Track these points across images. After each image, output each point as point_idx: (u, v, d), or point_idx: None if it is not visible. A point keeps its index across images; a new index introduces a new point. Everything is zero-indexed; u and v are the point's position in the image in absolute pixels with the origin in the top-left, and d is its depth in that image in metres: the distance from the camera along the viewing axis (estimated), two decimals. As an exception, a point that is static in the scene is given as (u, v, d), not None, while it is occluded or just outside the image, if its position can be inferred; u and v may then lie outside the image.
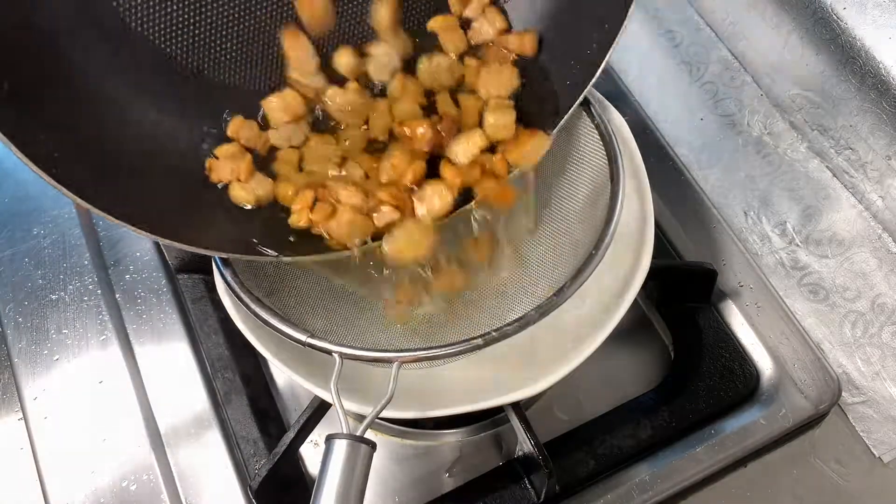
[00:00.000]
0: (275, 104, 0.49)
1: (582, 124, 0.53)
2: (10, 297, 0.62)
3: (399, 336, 0.53)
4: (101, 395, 0.58)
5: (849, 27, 0.55)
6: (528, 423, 0.52)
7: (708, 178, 0.67)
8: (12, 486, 0.56)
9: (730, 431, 0.56)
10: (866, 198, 0.59)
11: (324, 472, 0.40)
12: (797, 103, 0.63)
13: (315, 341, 0.44)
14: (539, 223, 0.55)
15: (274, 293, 0.51)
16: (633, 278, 0.49)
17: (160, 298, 0.62)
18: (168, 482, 0.55)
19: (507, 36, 0.51)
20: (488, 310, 0.52)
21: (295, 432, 0.52)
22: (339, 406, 0.42)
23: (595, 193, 0.51)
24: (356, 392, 0.46)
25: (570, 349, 0.47)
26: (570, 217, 0.53)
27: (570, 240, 0.52)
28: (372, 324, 0.54)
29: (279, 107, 0.49)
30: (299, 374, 0.47)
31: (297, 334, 0.44)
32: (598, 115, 0.51)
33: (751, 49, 0.65)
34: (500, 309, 0.52)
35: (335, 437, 0.40)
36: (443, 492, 0.55)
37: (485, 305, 0.53)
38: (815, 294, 0.61)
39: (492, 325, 0.47)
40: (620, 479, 0.54)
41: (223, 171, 0.48)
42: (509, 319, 0.44)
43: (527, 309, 0.45)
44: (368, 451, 0.41)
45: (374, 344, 0.52)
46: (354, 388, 0.46)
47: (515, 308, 0.51)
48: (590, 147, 0.52)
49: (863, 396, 0.58)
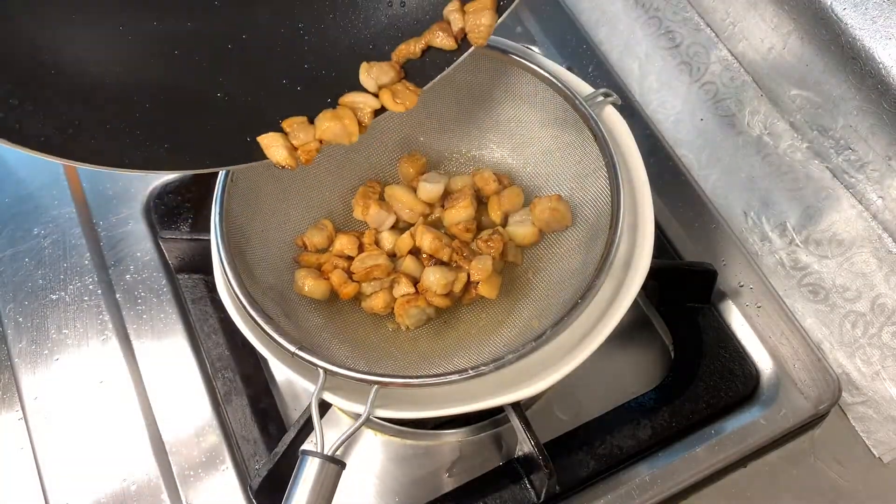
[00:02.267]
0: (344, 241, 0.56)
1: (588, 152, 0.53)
2: (11, 296, 0.62)
3: (394, 340, 0.54)
4: (101, 395, 0.58)
5: (849, 27, 0.55)
6: (528, 423, 0.52)
7: (708, 178, 0.67)
8: (12, 486, 0.56)
9: (730, 431, 0.56)
10: (866, 198, 0.59)
11: (294, 486, 0.42)
12: (797, 103, 0.63)
13: (303, 354, 0.45)
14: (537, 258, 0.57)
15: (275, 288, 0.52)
16: (633, 278, 0.49)
17: (160, 298, 0.62)
18: (168, 482, 0.55)
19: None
20: (479, 337, 0.54)
21: (295, 432, 0.52)
22: (318, 421, 0.44)
23: (594, 227, 0.53)
24: (354, 392, 0.46)
25: (570, 349, 0.47)
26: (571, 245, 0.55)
27: (569, 268, 0.54)
28: (372, 326, 0.55)
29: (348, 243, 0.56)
30: (299, 373, 0.47)
31: (286, 344, 0.46)
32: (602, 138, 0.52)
33: (751, 49, 0.65)
34: (491, 336, 0.53)
35: (308, 454, 0.42)
36: (443, 492, 0.55)
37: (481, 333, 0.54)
38: (816, 294, 0.61)
39: (480, 352, 0.50)
40: (620, 479, 0.54)
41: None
42: (499, 351, 0.47)
43: (519, 339, 0.47)
44: (338, 470, 0.43)
45: (369, 345, 0.53)
46: (354, 388, 0.46)
47: (507, 335, 0.53)
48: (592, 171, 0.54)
49: (863, 397, 0.58)
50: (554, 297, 0.52)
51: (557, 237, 0.56)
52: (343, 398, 0.46)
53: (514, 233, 0.56)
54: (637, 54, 0.73)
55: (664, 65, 0.71)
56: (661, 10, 0.72)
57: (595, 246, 0.50)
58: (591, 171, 0.53)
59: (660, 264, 0.56)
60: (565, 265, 0.54)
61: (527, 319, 0.53)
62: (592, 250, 0.50)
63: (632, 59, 0.73)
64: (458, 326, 0.55)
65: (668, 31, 0.71)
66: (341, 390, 0.46)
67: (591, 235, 0.52)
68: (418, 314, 0.53)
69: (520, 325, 0.53)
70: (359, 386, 0.45)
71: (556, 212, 0.54)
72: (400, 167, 0.60)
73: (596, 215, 0.53)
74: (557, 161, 0.57)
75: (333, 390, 0.46)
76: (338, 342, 0.52)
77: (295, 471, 0.42)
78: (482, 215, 0.58)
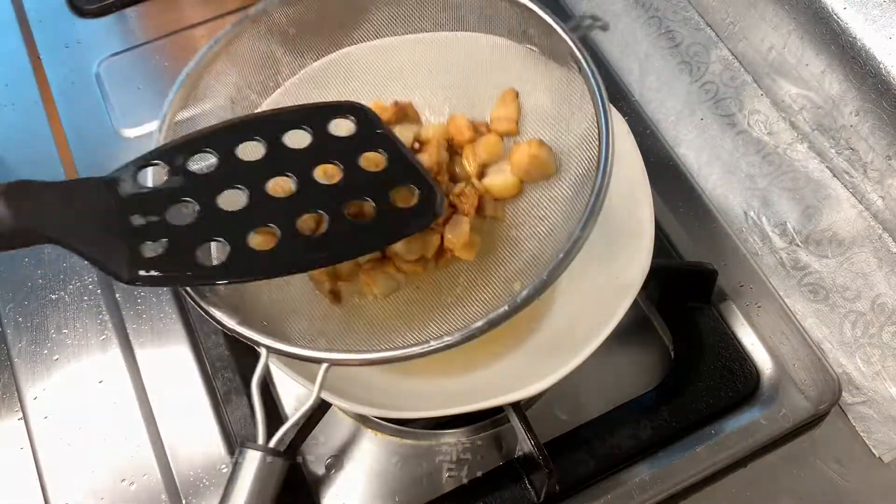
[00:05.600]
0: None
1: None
2: (10, 296, 0.62)
3: (360, 313, 0.50)
4: (101, 394, 0.58)
5: (849, 27, 0.55)
6: (528, 423, 0.52)
7: (708, 178, 0.67)
8: (12, 486, 0.56)
9: (730, 431, 0.56)
10: (867, 198, 0.59)
11: (231, 484, 0.38)
12: (797, 103, 0.63)
13: (242, 329, 0.41)
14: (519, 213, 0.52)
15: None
16: (633, 278, 0.49)
17: (160, 298, 0.62)
18: (168, 482, 0.55)
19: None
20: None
21: (295, 432, 0.52)
22: (260, 408, 0.39)
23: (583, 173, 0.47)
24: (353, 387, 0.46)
25: (570, 349, 0.47)
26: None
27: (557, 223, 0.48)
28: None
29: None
30: (298, 372, 0.47)
31: (225, 320, 0.41)
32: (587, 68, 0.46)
33: (751, 49, 0.65)
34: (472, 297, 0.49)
35: (248, 447, 0.38)
36: (443, 492, 0.55)
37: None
38: (816, 294, 0.61)
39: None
40: (620, 479, 0.54)
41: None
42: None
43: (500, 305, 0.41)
44: (283, 465, 0.38)
45: (331, 319, 0.48)
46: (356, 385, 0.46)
47: (487, 300, 0.48)
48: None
49: (863, 396, 0.58)
50: (539, 257, 0.47)
51: (542, 189, 0.51)
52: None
53: (492, 185, 0.51)
54: (637, 54, 0.73)
55: (664, 64, 0.71)
56: (661, 9, 0.72)
57: (583, 197, 0.44)
58: (577, 109, 0.47)
59: (660, 264, 0.56)
60: (551, 220, 0.48)
61: (509, 283, 0.48)
62: (580, 202, 0.44)
63: (632, 59, 0.73)
64: (433, 293, 0.50)
65: (668, 30, 0.71)
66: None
67: (580, 185, 0.47)
68: (387, 281, 0.49)
69: (502, 290, 0.48)
70: (362, 383, 0.45)
71: (537, 158, 0.49)
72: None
73: (584, 163, 0.47)
74: (540, 105, 0.51)
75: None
76: (294, 318, 0.47)
77: (232, 466, 0.38)
78: (457, 167, 0.52)
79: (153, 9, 0.81)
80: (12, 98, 0.74)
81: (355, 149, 0.46)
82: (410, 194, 0.45)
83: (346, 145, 0.46)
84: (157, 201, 0.41)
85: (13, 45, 0.78)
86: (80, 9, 0.80)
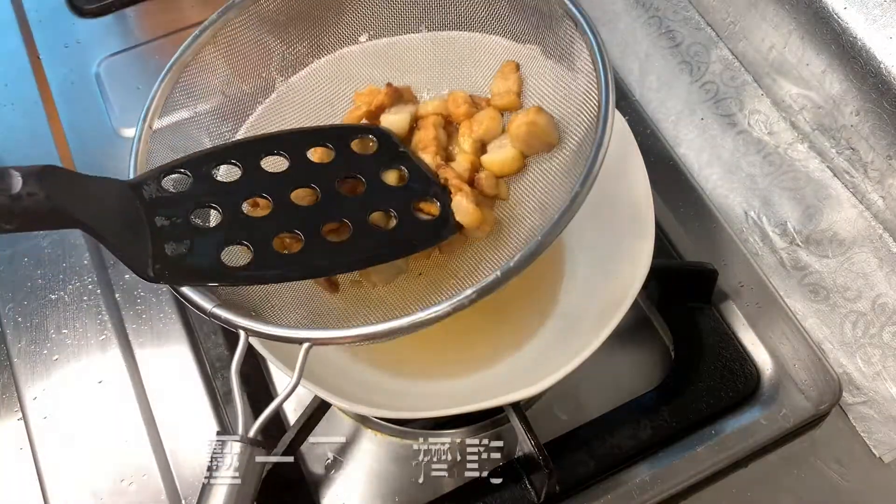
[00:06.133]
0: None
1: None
2: (10, 296, 0.62)
3: (361, 302, 0.48)
4: (101, 395, 0.58)
5: (849, 27, 0.55)
6: (528, 423, 0.52)
7: (708, 178, 0.67)
8: (12, 486, 0.56)
9: (730, 431, 0.56)
10: (867, 198, 0.59)
11: (210, 476, 0.36)
12: (797, 103, 0.63)
13: (220, 312, 0.39)
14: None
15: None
16: (633, 278, 0.49)
17: (160, 298, 0.62)
18: (168, 482, 0.55)
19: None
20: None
21: (295, 432, 0.52)
22: (239, 396, 0.38)
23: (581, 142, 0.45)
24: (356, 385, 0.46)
25: (570, 349, 0.47)
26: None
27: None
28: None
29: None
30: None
31: (203, 303, 0.39)
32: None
33: (751, 49, 0.65)
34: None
35: (226, 439, 0.37)
36: (443, 492, 0.55)
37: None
38: (816, 294, 0.61)
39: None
40: (620, 479, 0.54)
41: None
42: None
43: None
44: (263, 455, 0.37)
45: (329, 311, 0.46)
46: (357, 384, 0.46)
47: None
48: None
49: (863, 396, 0.58)
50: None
51: (546, 162, 0.48)
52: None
53: (491, 160, 0.48)
54: (637, 54, 0.73)
55: (664, 64, 0.71)
56: (662, 9, 0.72)
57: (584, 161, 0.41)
58: (578, 74, 0.45)
59: (660, 264, 0.56)
60: (556, 193, 0.45)
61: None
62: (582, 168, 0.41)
63: (632, 59, 0.73)
64: (435, 280, 0.47)
65: (668, 30, 0.71)
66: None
67: (582, 154, 0.44)
68: (388, 268, 0.46)
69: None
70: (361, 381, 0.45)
71: (536, 126, 0.45)
72: (353, 109, 0.52)
73: (586, 130, 0.44)
74: (537, 72, 0.49)
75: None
76: (292, 308, 0.46)
77: (210, 458, 0.37)
78: (454, 147, 0.50)
79: (153, 8, 0.81)
80: (12, 98, 0.74)
81: (377, 165, 0.47)
82: (433, 207, 0.46)
83: (368, 162, 0.47)
84: (182, 205, 0.41)
85: (13, 45, 0.78)
86: (80, 9, 0.80)
